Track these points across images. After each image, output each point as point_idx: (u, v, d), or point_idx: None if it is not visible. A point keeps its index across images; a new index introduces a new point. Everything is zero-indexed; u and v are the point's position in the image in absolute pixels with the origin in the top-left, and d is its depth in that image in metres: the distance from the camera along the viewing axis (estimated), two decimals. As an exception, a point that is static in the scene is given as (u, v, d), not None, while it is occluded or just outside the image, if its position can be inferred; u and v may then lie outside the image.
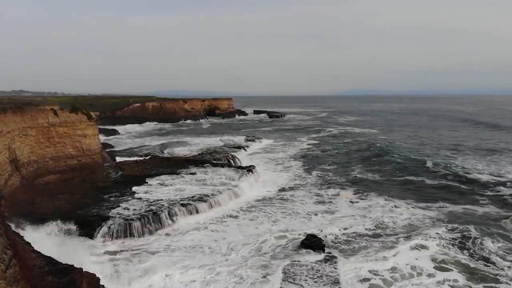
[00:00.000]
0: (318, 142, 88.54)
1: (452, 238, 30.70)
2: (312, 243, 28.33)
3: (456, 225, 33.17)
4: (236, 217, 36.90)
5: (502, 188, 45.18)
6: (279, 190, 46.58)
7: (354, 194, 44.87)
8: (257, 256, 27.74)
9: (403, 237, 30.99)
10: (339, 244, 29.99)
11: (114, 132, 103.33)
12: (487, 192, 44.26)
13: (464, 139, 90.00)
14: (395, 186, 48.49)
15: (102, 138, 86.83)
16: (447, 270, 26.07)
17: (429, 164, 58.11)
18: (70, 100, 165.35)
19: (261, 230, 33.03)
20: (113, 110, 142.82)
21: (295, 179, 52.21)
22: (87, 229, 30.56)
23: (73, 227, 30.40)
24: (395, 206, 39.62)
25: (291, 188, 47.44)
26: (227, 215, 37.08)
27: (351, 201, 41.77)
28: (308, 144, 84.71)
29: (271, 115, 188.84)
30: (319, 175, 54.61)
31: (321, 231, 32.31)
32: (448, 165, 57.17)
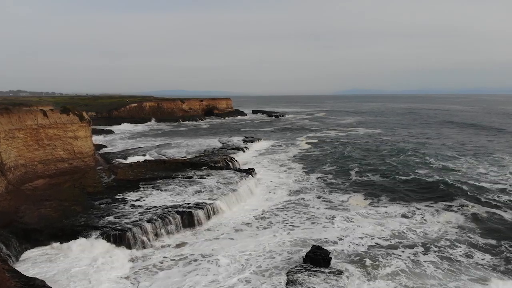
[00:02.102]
0: (319, 142, 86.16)
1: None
2: (317, 256, 25.97)
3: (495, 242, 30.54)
4: (236, 225, 34.64)
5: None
6: (281, 195, 44.28)
7: (366, 199, 42.53)
8: (257, 273, 25.47)
9: (423, 252, 28.38)
10: (354, 259, 27.31)
11: (110, 133, 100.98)
12: (501, 193, 42.26)
13: (467, 139, 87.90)
14: (406, 188, 45.82)
15: (97, 139, 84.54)
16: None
17: (437, 165, 56.36)
18: (66, 100, 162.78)
19: (264, 241, 30.75)
20: (109, 110, 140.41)
21: (299, 182, 49.88)
22: (74, 240, 28.16)
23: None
24: (413, 211, 37.56)
25: (296, 193, 45.12)
26: (226, 223, 34.87)
27: (364, 208, 39.36)
28: (309, 145, 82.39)
29: (270, 115, 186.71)
30: (324, 178, 52.23)
31: (333, 241, 30.35)
32: (455, 166, 55.57)
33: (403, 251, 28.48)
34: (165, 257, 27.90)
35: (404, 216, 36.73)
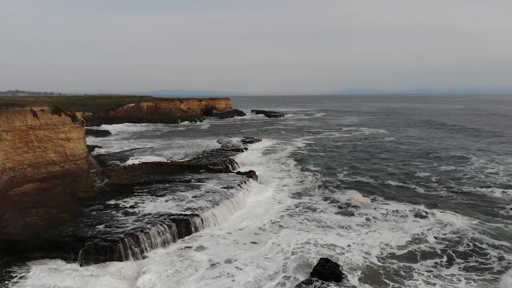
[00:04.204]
0: (319, 143, 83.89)
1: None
2: (326, 270, 23.72)
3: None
4: (237, 233, 32.34)
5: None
6: (285, 198, 42.09)
7: (372, 200, 40.43)
8: None
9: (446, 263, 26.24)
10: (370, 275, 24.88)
11: (106, 134, 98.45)
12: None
13: (474, 140, 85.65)
14: (413, 190, 44.01)
15: (92, 140, 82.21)
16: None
17: (445, 167, 54.42)
18: (63, 100, 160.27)
19: (264, 251, 28.43)
20: (106, 110, 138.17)
21: (302, 184, 47.71)
22: (60, 253, 25.87)
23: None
24: (425, 214, 35.55)
25: (300, 195, 43.09)
26: (225, 231, 32.56)
27: (374, 210, 37.28)
28: (309, 145, 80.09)
29: (269, 115, 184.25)
30: (327, 178, 49.85)
31: (344, 250, 28.10)
32: (462, 167, 53.96)
33: (422, 263, 26.23)
34: (160, 269, 25.60)
35: (417, 215, 35.17)
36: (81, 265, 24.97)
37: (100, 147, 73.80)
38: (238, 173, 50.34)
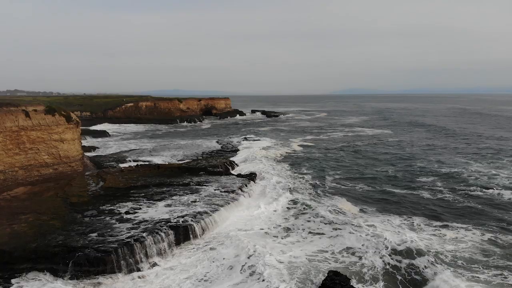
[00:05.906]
0: (323, 143, 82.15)
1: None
2: (335, 284, 21.89)
3: None
4: (238, 240, 30.41)
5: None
6: (286, 200, 40.16)
7: (372, 205, 38.70)
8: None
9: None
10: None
11: (103, 134, 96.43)
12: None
13: (476, 141, 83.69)
14: (421, 196, 42.09)
15: (89, 141, 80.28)
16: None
17: (448, 170, 52.66)
18: (61, 99, 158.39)
19: (265, 260, 26.56)
20: (104, 110, 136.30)
21: (302, 186, 45.88)
22: (49, 264, 23.99)
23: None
24: (428, 217, 33.42)
25: (299, 197, 41.10)
26: (226, 238, 30.65)
27: (378, 216, 35.36)
28: (311, 146, 78.36)
29: (269, 115, 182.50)
30: (328, 180, 48.24)
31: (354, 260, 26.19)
32: (466, 170, 52.29)
33: (432, 268, 24.38)
34: (155, 282, 23.77)
35: (421, 219, 32.94)
36: (70, 279, 23.09)
37: (96, 148, 71.90)
38: (239, 175, 48.47)
